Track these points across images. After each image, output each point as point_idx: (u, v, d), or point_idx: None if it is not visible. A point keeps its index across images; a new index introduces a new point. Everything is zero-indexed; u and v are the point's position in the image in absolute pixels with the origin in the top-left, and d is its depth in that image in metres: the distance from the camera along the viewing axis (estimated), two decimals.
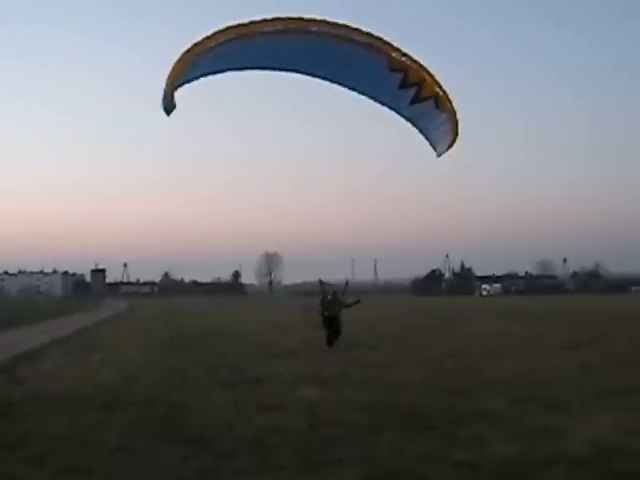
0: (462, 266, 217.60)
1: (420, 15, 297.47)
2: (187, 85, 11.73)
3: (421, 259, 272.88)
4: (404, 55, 12.17)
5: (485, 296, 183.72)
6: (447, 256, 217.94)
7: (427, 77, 12.38)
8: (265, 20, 11.33)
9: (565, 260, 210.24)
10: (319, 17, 11.76)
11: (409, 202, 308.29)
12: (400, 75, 12.22)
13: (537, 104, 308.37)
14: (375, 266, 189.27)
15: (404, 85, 12.34)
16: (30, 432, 10.84)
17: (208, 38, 11.17)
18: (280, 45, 11.79)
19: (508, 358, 21.41)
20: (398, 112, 13.22)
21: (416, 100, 12.53)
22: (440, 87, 12.56)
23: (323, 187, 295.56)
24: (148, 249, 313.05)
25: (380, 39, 12.10)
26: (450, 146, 13.35)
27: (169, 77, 11.14)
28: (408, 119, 13.30)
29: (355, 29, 11.92)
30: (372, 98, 13.16)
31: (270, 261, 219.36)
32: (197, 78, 11.95)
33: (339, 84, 13.05)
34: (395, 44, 12.22)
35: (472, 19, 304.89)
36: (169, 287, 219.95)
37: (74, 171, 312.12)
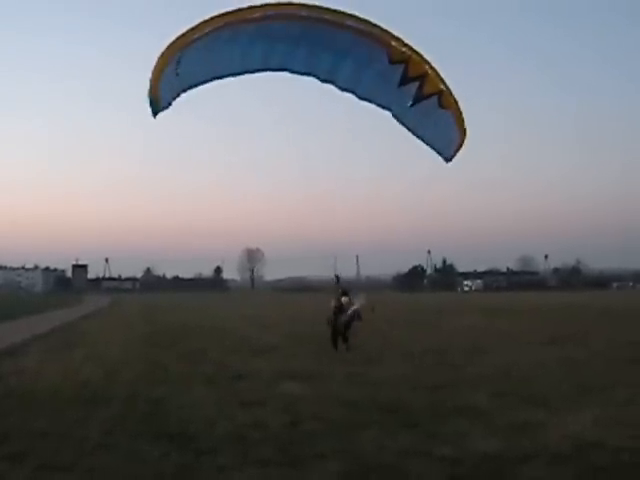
0: (444, 262, 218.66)
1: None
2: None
3: (403, 255, 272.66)
4: (405, 45, 11.32)
5: (467, 292, 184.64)
6: (429, 252, 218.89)
7: (430, 70, 11.48)
8: (252, 7, 10.62)
9: (546, 256, 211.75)
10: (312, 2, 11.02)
11: (391, 198, 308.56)
12: (401, 68, 11.37)
13: (519, 98, 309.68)
14: (357, 262, 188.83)
15: (405, 80, 11.48)
16: (11, 428, 10.78)
17: (193, 30, 10.53)
18: (270, 33, 11.09)
19: (489, 354, 21.51)
20: (398, 118, 12.35)
21: (418, 99, 11.64)
22: (443, 82, 11.66)
23: (305, 183, 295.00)
24: (130, 245, 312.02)
25: (379, 27, 11.27)
26: (459, 148, 12.45)
27: (152, 77, 10.59)
28: (409, 125, 12.41)
29: (352, 15, 11.13)
30: (369, 100, 12.33)
31: (252, 257, 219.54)
32: (185, 89, 11.40)
33: (333, 83, 12.17)
34: (395, 33, 11.35)
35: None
36: (151, 283, 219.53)
37: (55, 166, 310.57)
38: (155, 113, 10.86)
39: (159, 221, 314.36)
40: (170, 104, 11.07)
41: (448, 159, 12.70)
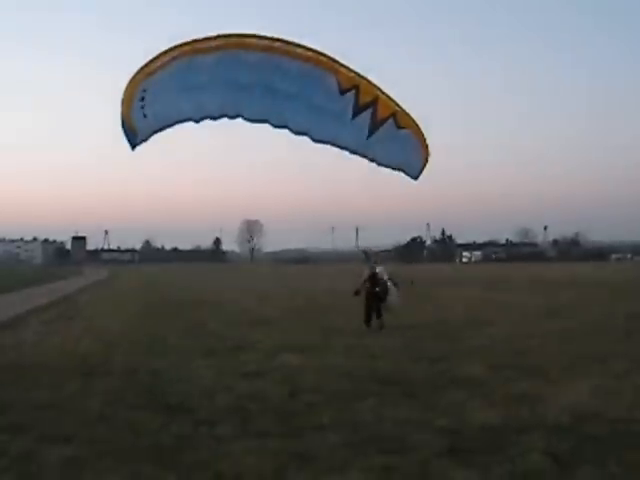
0: (443, 234, 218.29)
1: None
2: None
3: (402, 227, 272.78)
4: (352, 72, 10.81)
5: (466, 263, 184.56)
6: (428, 224, 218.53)
7: (380, 94, 10.98)
8: (196, 40, 10.24)
9: (546, 228, 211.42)
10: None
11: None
12: (352, 98, 10.82)
13: (521, 69, 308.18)
14: (357, 234, 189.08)
15: (358, 110, 10.91)
16: (11, 400, 10.81)
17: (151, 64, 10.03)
18: (218, 81, 10.65)
19: (488, 325, 21.53)
20: (357, 152, 11.68)
21: (374, 126, 11.09)
22: (394, 102, 11.14)
23: (305, 155, 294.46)
24: (129, 217, 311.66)
25: (325, 55, 10.73)
26: (424, 166, 11.94)
27: (123, 109, 9.97)
28: (370, 157, 11.80)
29: (297, 44, 10.61)
30: (324, 141, 11.55)
31: (251, 228, 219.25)
32: (155, 131, 10.77)
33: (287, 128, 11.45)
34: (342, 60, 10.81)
35: None
36: (150, 254, 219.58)
37: (55, 136, 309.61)
38: (133, 146, 10.36)
39: (158, 193, 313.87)
40: (146, 140, 10.65)
41: (415, 177, 12.21)
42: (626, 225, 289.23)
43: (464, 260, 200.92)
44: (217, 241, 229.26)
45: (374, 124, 11.06)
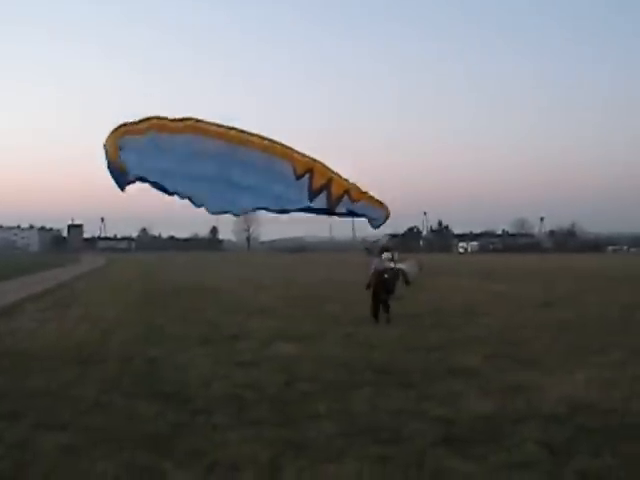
0: (440, 224, 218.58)
1: None
2: None
3: (399, 216, 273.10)
4: (305, 156, 11.38)
5: (462, 254, 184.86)
6: (425, 214, 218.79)
7: (333, 175, 11.46)
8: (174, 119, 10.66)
9: (542, 219, 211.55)
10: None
11: (386, 158, 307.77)
12: (306, 182, 11.36)
13: (516, 57, 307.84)
14: (353, 223, 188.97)
15: (312, 195, 11.42)
16: (6, 388, 10.82)
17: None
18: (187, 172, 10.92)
19: (484, 315, 21.56)
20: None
21: (331, 205, 11.57)
22: (346, 180, 11.64)
23: (303, 141, 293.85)
24: (125, 204, 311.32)
25: (280, 143, 11.34)
26: (385, 221, 12.32)
27: (108, 147, 10.00)
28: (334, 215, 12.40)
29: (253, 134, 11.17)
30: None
31: (248, 217, 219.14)
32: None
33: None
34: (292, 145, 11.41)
35: None
36: (147, 242, 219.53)
37: (50, 124, 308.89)
38: (123, 187, 10.34)
39: None
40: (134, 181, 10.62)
41: (376, 227, 12.66)
42: (623, 217, 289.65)
43: (460, 250, 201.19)
44: (214, 230, 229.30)
45: (330, 204, 11.56)
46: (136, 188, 10.62)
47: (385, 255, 21.05)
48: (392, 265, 20.75)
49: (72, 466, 7.14)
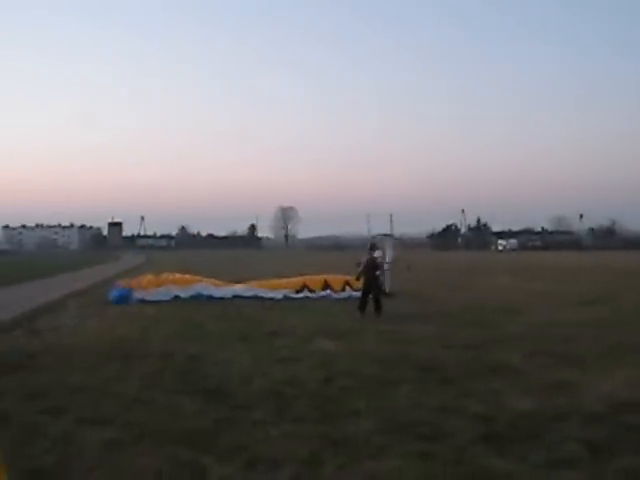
0: (478, 221, 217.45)
1: None
2: None
3: (436, 214, 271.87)
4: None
5: (501, 251, 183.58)
6: (463, 211, 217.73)
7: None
8: None
9: (581, 216, 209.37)
10: None
11: (425, 156, 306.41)
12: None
13: (550, 54, 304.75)
14: (391, 220, 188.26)
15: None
16: (50, 383, 10.97)
17: None
18: None
19: (524, 313, 21.43)
20: None
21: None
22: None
23: (339, 141, 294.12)
24: (165, 203, 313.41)
25: None
26: None
27: None
28: None
29: None
30: None
31: (286, 215, 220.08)
32: None
33: None
34: None
35: None
36: (186, 241, 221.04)
37: (92, 126, 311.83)
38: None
39: (194, 179, 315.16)
40: None
41: None
42: None
43: (499, 248, 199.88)
44: (252, 227, 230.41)
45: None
46: (176, 189, 10.79)
47: (377, 253, 22.08)
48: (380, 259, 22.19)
49: (115, 460, 7.23)
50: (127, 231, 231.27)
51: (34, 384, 10.88)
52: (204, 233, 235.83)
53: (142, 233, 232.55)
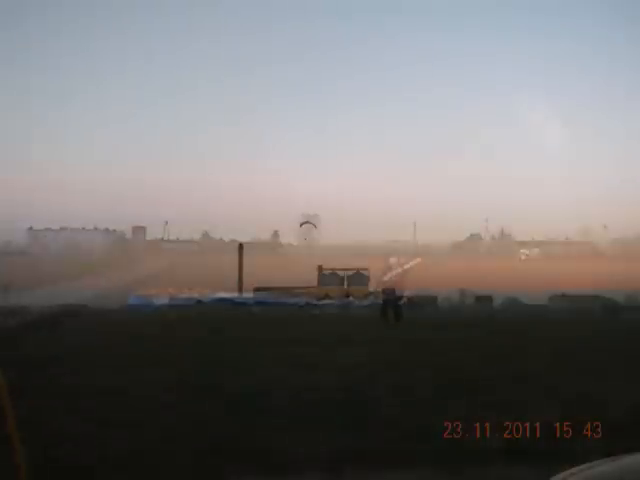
0: (502, 231, 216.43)
1: None
2: None
3: (459, 223, 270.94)
4: None
5: (524, 260, 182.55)
6: (486, 220, 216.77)
7: None
8: None
9: (605, 227, 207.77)
10: None
11: (448, 165, 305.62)
12: None
13: (584, 61, 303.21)
14: (414, 228, 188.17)
15: None
16: (77, 385, 11.03)
17: None
18: None
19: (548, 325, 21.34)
20: None
21: None
22: None
23: (362, 149, 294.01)
24: (188, 208, 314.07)
25: None
26: None
27: None
28: None
29: None
30: None
31: (309, 221, 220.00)
32: None
33: None
34: None
35: None
36: (208, 245, 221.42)
37: (114, 131, 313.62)
38: None
39: (218, 184, 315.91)
40: None
41: None
42: None
43: (522, 257, 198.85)
44: (275, 234, 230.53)
45: None
46: (199, 195, 10.87)
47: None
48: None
49: (139, 464, 7.25)
50: (150, 235, 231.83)
51: (60, 385, 10.94)
52: (227, 238, 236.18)
53: (165, 238, 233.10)
